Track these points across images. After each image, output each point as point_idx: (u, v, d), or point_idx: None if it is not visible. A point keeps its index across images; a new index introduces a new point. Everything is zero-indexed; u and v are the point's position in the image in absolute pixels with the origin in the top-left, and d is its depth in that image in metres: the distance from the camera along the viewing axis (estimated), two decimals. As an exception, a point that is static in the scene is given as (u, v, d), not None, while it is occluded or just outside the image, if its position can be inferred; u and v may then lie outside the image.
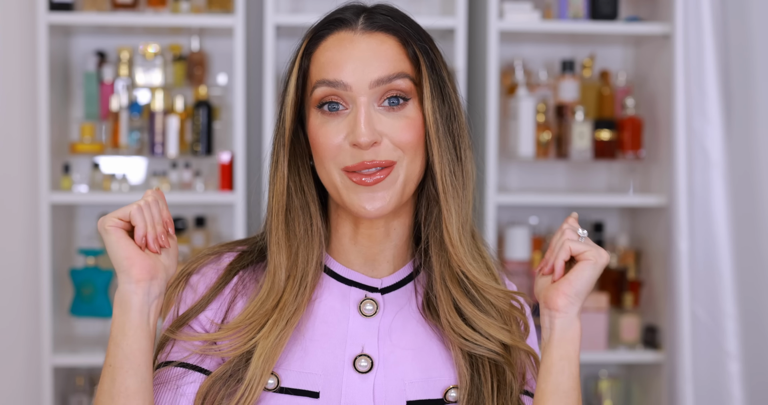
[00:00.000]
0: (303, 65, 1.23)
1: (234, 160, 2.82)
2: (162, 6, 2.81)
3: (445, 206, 1.21)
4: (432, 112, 1.20)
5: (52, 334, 2.75)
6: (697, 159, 2.76)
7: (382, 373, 1.21)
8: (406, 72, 1.20)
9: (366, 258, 1.26)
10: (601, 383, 3.02)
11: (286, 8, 2.98)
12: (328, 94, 1.19)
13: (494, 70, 2.80)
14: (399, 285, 1.27)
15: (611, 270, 2.96)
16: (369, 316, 1.24)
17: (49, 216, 2.73)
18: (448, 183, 1.21)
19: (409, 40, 1.21)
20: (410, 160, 1.19)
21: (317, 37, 1.23)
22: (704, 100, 2.75)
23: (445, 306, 1.22)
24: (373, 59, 1.19)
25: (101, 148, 2.86)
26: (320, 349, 1.22)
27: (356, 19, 1.22)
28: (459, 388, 1.22)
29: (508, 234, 2.90)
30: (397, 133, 1.18)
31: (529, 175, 3.12)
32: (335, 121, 1.19)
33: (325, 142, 1.19)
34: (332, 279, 1.26)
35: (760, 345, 3.01)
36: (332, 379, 1.20)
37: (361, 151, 1.17)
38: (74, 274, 2.82)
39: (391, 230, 1.25)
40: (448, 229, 1.21)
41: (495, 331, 1.23)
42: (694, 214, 2.76)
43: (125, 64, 2.90)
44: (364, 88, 1.18)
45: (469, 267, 1.22)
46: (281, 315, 1.20)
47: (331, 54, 1.20)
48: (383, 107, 1.19)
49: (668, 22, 2.82)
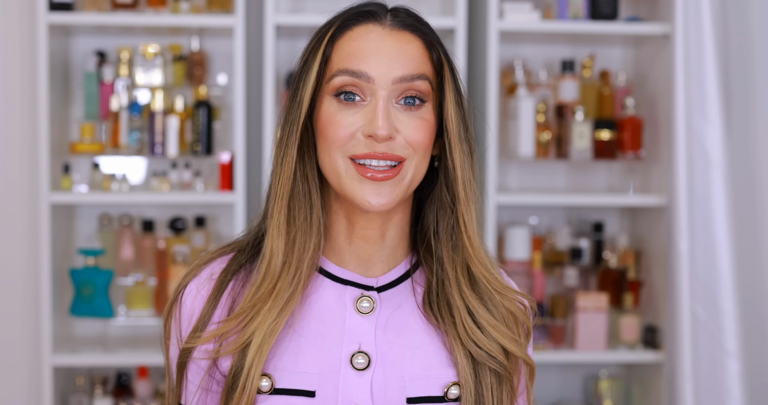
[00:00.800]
0: (326, 52, 1.22)
1: (234, 160, 2.82)
2: (162, 6, 2.81)
3: (466, 210, 1.23)
4: (455, 117, 1.22)
5: (52, 334, 2.75)
6: (697, 159, 2.76)
7: (380, 370, 1.21)
8: (427, 75, 1.21)
9: (360, 258, 1.26)
10: (601, 383, 3.02)
11: (286, 8, 2.98)
12: (348, 83, 1.19)
13: (494, 70, 2.80)
14: (395, 283, 1.27)
15: (611, 270, 2.96)
16: (366, 314, 1.24)
17: (49, 216, 2.73)
18: (468, 187, 1.23)
19: (435, 45, 1.23)
20: (419, 159, 1.20)
21: (344, 26, 1.22)
22: (704, 100, 2.75)
23: (462, 312, 1.23)
24: (399, 56, 1.19)
25: (101, 148, 2.86)
26: (316, 348, 1.21)
27: (385, 15, 1.22)
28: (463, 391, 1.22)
29: (508, 234, 2.90)
30: (412, 132, 1.19)
31: (529, 175, 3.12)
32: (350, 111, 1.19)
33: (336, 131, 1.19)
34: (327, 279, 1.26)
35: (760, 345, 3.01)
36: (329, 377, 1.20)
37: (375, 143, 1.17)
38: (74, 274, 2.82)
39: (386, 231, 1.25)
40: (468, 232, 1.23)
41: (506, 340, 1.23)
42: (694, 214, 2.76)
43: (125, 64, 2.90)
44: (386, 83, 1.18)
45: (491, 270, 1.24)
46: (275, 302, 1.20)
47: (358, 44, 1.20)
48: (400, 105, 1.20)
49: (668, 22, 2.82)
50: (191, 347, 1.23)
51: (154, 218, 2.99)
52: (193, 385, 1.24)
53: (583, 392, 3.14)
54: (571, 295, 2.94)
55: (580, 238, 3.03)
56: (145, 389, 2.91)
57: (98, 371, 2.98)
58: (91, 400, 2.90)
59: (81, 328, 3.01)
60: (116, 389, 2.94)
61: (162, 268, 2.93)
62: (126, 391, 2.95)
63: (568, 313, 2.93)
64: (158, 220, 3.00)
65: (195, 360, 1.23)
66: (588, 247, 3.02)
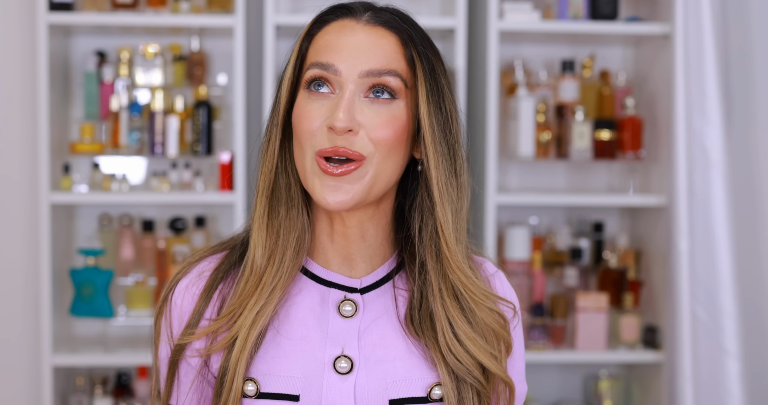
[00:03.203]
0: (303, 47, 1.24)
1: (234, 160, 2.82)
2: (162, 6, 2.81)
3: (441, 211, 1.20)
4: (427, 116, 1.20)
5: (52, 334, 2.75)
6: (697, 159, 2.76)
7: (363, 373, 1.21)
8: (399, 71, 1.19)
9: (343, 257, 1.25)
10: (601, 383, 3.02)
11: (286, 8, 2.98)
12: (317, 75, 1.19)
13: (494, 70, 2.80)
14: (378, 284, 1.26)
15: (611, 270, 2.96)
16: (348, 317, 1.24)
17: (49, 216, 2.73)
18: (443, 189, 1.20)
19: (410, 43, 1.21)
20: (381, 158, 1.18)
21: (321, 21, 1.24)
22: (704, 100, 2.75)
23: (443, 323, 1.22)
24: (368, 50, 1.19)
25: (101, 148, 2.86)
26: (300, 352, 1.21)
27: (363, 12, 1.22)
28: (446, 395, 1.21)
29: (508, 234, 2.90)
30: (375, 127, 1.17)
31: (529, 175, 3.12)
32: (319, 102, 1.19)
33: (305, 122, 1.19)
34: (311, 281, 1.26)
35: (760, 345, 3.01)
36: (312, 381, 1.20)
37: (335, 137, 1.16)
38: (74, 274, 2.82)
39: (365, 231, 1.24)
40: (444, 234, 1.20)
41: (484, 356, 1.22)
42: (694, 214, 2.76)
43: (125, 64, 2.90)
44: (353, 76, 1.17)
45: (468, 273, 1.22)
46: (260, 295, 1.20)
47: (330, 38, 1.21)
48: (368, 98, 1.18)
49: (668, 22, 2.82)
50: (183, 344, 1.23)
51: (154, 218, 2.99)
52: (184, 385, 1.24)
53: (583, 392, 3.14)
54: (571, 295, 2.94)
55: (580, 238, 3.03)
56: (145, 389, 2.91)
57: (98, 371, 2.98)
58: (91, 400, 2.90)
59: (81, 328, 3.01)
60: (116, 389, 2.94)
61: (162, 268, 2.93)
62: (126, 391, 2.95)
63: (568, 313, 2.93)
64: (158, 220, 3.00)
65: (186, 359, 1.24)
66: (588, 247, 3.02)
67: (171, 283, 1.28)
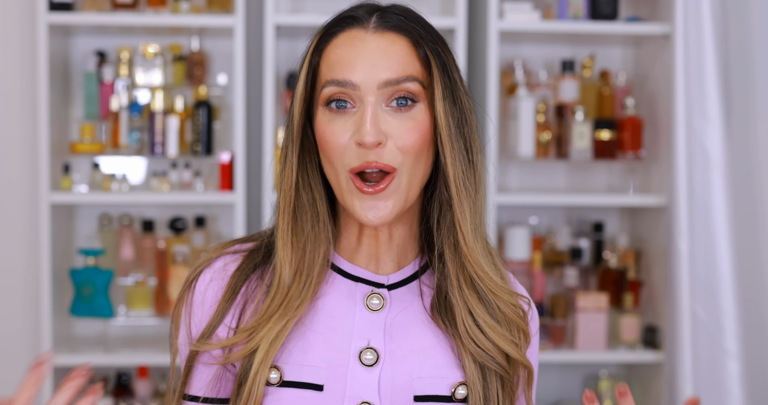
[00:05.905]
0: (313, 62, 1.22)
1: (234, 160, 2.82)
2: (162, 6, 2.81)
3: (459, 208, 1.21)
4: (444, 114, 1.20)
5: (52, 334, 2.76)
6: (697, 159, 2.76)
7: (388, 367, 1.22)
8: (416, 75, 1.19)
9: (371, 256, 1.26)
10: (601, 383, 3.02)
11: (286, 8, 2.98)
12: (335, 93, 1.19)
13: (494, 70, 2.80)
14: (405, 282, 1.27)
15: (611, 270, 2.96)
16: (375, 311, 1.24)
17: (49, 216, 2.73)
18: (461, 185, 1.21)
19: (421, 42, 1.21)
20: (412, 164, 1.19)
21: (329, 34, 1.22)
22: (704, 100, 2.75)
23: (462, 311, 1.23)
24: (382, 59, 1.18)
25: (101, 148, 2.86)
26: (325, 343, 1.22)
27: (369, 18, 1.21)
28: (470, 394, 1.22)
29: (508, 234, 2.90)
30: (402, 135, 1.18)
31: (529, 175, 3.12)
32: (342, 119, 1.19)
33: (332, 140, 1.19)
34: (339, 275, 1.26)
35: (760, 345, 3.01)
36: (337, 372, 1.20)
37: (366, 151, 1.17)
38: (74, 274, 2.82)
39: (394, 232, 1.26)
40: (462, 230, 1.21)
41: (504, 342, 1.23)
42: (694, 214, 2.76)
43: (125, 64, 2.90)
44: (372, 89, 1.17)
45: (486, 268, 1.23)
46: (285, 311, 1.20)
47: (341, 52, 1.19)
48: (391, 108, 1.18)
49: (668, 22, 2.82)
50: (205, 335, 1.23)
51: (154, 218, 2.99)
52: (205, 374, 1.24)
53: (583, 392, 3.13)
54: (571, 295, 2.94)
55: (580, 238, 3.03)
56: (145, 389, 2.91)
57: (98, 371, 2.98)
58: (91, 400, 2.89)
59: (81, 328, 3.01)
60: (116, 389, 2.94)
61: (162, 268, 2.93)
62: (126, 391, 2.95)
63: (568, 313, 2.93)
64: (158, 220, 3.00)
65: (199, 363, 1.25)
66: (588, 247, 3.02)
67: (194, 273, 1.28)
